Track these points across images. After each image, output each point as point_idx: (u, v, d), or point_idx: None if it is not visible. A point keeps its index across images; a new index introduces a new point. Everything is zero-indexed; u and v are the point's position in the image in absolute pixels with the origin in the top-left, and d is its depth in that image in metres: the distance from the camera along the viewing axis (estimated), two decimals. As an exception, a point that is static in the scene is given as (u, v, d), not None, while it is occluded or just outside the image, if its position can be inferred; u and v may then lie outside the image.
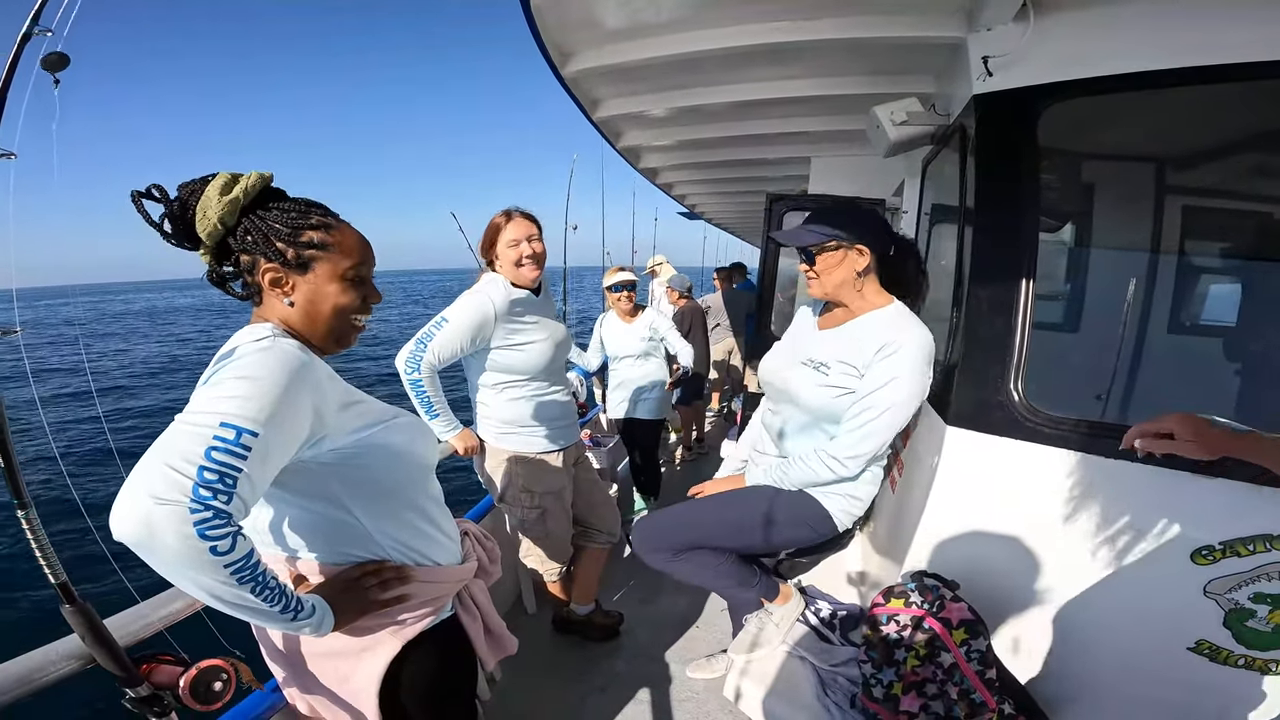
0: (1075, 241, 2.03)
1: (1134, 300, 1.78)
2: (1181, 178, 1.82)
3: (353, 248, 1.00)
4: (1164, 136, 1.76)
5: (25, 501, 0.86)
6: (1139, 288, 1.85)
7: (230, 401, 0.79)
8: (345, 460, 0.96)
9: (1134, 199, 1.93)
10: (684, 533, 1.64)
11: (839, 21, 1.98)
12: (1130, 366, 1.86)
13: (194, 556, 0.72)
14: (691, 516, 1.69)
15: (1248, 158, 1.68)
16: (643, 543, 1.69)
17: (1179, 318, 1.87)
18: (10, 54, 0.91)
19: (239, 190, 0.92)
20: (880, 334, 1.49)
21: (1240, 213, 1.89)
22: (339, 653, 1.03)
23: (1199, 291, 1.90)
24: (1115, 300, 1.75)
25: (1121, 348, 1.75)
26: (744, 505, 1.65)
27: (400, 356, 1.89)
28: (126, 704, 0.95)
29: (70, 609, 0.89)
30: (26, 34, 0.91)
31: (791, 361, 1.64)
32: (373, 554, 1.03)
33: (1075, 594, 1.43)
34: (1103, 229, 2.00)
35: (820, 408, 1.55)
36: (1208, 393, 1.83)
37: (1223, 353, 1.89)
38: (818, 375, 1.55)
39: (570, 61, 2.37)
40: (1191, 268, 1.89)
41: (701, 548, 1.63)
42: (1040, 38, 1.55)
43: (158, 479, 0.72)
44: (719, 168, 4.21)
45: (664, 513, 1.74)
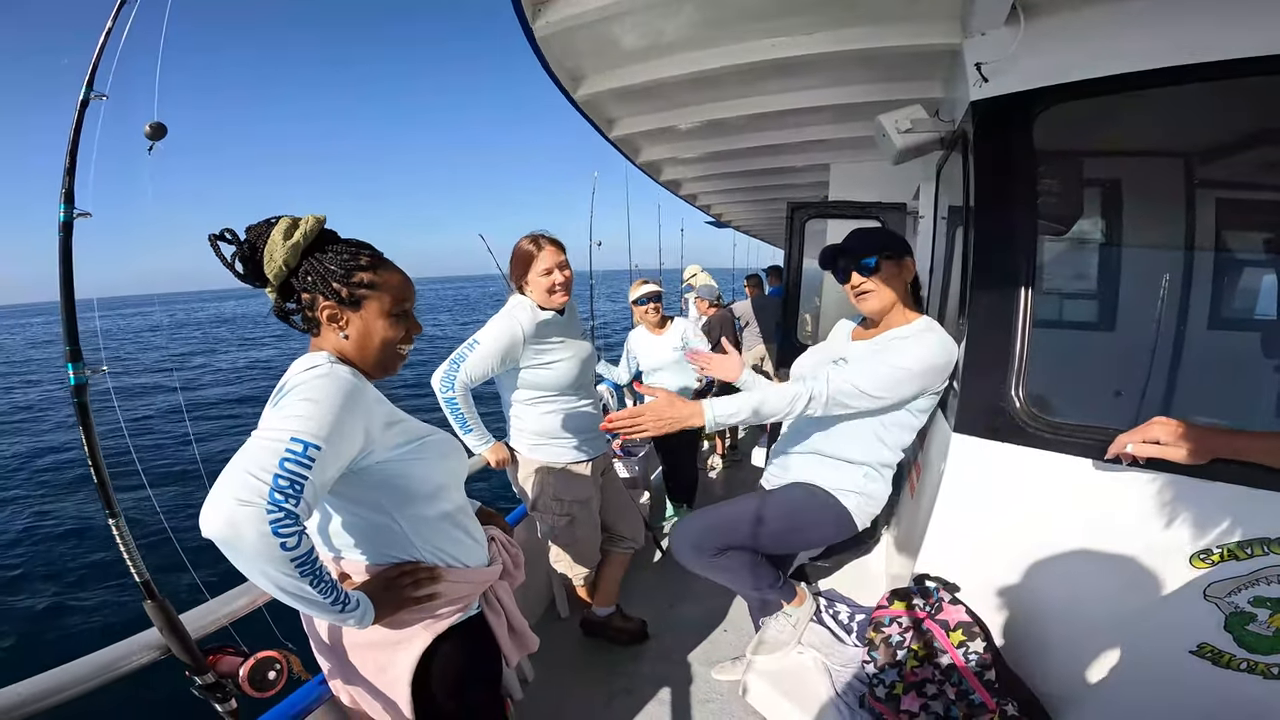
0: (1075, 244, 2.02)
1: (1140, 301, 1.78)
2: (1180, 176, 1.80)
3: (397, 286, 1.14)
4: (1159, 136, 1.75)
5: (115, 511, 1.00)
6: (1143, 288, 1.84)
7: (297, 420, 0.93)
8: (388, 471, 1.10)
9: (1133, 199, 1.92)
10: (722, 535, 1.70)
11: (837, 34, 2.03)
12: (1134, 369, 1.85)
13: (268, 551, 0.86)
14: (728, 518, 1.74)
15: (1242, 153, 1.66)
16: (681, 544, 1.73)
17: (1185, 318, 1.84)
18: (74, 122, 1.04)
19: (299, 235, 1.06)
20: (914, 334, 1.64)
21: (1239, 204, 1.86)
22: (378, 644, 1.16)
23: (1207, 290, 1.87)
24: (1119, 301, 1.76)
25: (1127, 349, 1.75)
26: (772, 506, 1.72)
27: (436, 376, 2.02)
28: (195, 691, 1.09)
29: (151, 604, 1.03)
30: (84, 100, 1.04)
31: (824, 361, 1.76)
32: (409, 555, 1.16)
33: (1077, 597, 1.44)
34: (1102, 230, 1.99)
35: None
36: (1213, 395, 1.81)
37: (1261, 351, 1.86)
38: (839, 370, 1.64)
39: (582, 85, 2.47)
40: (1199, 265, 1.86)
41: (736, 548, 1.70)
42: (1032, 42, 1.57)
43: (239, 485, 0.86)
44: (740, 178, 4.26)
45: (700, 515, 1.79)
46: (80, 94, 1.03)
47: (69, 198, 1.00)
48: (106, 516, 1.00)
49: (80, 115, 1.03)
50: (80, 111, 1.03)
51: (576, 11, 1.87)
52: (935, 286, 2.65)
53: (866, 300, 1.68)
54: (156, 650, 1.09)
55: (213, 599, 1.25)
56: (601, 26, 2.01)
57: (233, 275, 1.09)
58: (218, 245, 1.07)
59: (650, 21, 2.02)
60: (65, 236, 1.01)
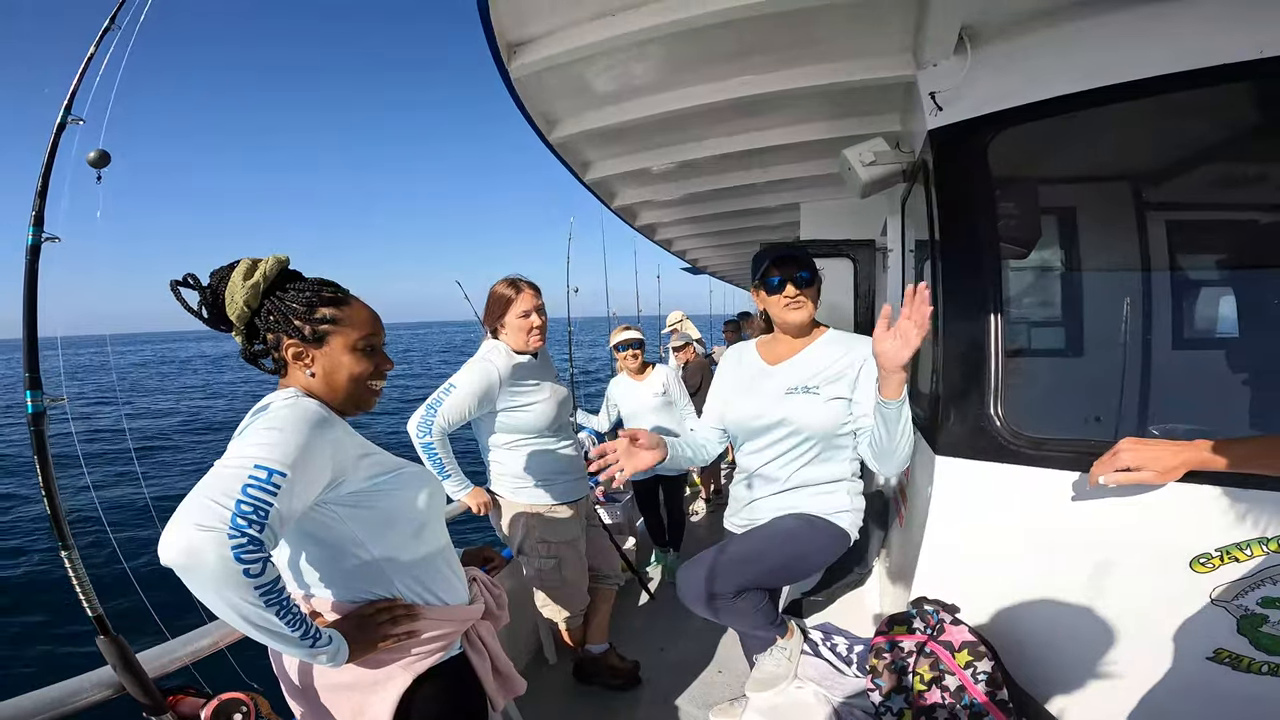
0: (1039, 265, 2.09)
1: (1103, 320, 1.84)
2: (1134, 194, 1.88)
3: (362, 321, 1.12)
4: (1109, 155, 1.84)
5: (69, 544, 0.95)
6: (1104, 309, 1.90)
7: (261, 448, 0.90)
8: (361, 503, 1.06)
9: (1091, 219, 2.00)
10: (734, 577, 1.61)
11: (795, 72, 2.11)
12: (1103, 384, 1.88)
13: (229, 577, 0.82)
14: (738, 559, 1.65)
15: (1192, 168, 1.74)
16: (692, 591, 1.63)
17: (1148, 334, 1.90)
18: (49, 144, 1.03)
19: (259, 275, 1.05)
20: (849, 349, 1.66)
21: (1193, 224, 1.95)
22: (354, 686, 1.09)
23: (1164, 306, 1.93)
24: (1085, 320, 1.81)
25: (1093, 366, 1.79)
26: (776, 539, 1.68)
27: (412, 422, 1.98)
28: None
29: (104, 640, 0.96)
30: (61, 124, 1.03)
31: (776, 394, 1.70)
32: (386, 591, 1.11)
33: (1081, 611, 1.41)
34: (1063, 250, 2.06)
35: (827, 425, 1.64)
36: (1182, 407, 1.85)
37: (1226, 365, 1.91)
38: (813, 397, 1.65)
39: (556, 128, 2.53)
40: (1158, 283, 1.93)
41: (750, 590, 1.62)
42: (980, 69, 1.65)
43: (200, 510, 0.83)
44: (713, 220, 4.35)
45: (705, 559, 1.68)
46: (58, 117, 1.02)
47: (39, 221, 0.98)
48: (59, 548, 0.94)
49: (56, 138, 1.02)
50: (56, 135, 1.02)
51: (550, 54, 1.93)
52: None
53: (798, 312, 1.68)
54: (109, 689, 1.01)
55: (173, 639, 1.16)
56: (574, 69, 2.06)
57: (200, 321, 1.08)
58: (178, 291, 1.06)
59: (620, 64, 2.09)
60: (32, 260, 0.98)
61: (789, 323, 1.71)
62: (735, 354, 1.92)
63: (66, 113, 1.03)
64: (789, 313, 1.69)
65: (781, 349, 1.78)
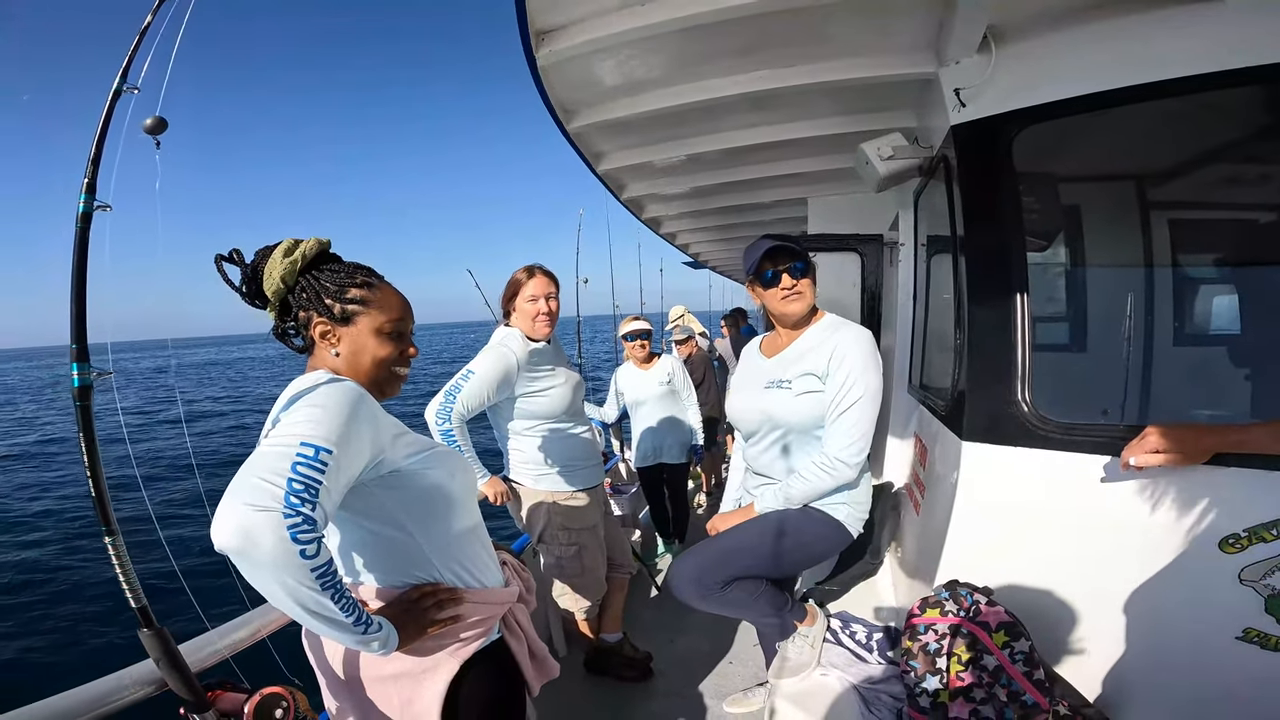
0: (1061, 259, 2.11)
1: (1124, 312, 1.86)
2: (1156, 191, 1.90)
3: (392, 305, 1.11)
4: (1131, 152, 1.86)
5: (113, 529, 0.92)
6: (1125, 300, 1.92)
7: (306, 425, 0.89)
8: (399, 482, 1.05)
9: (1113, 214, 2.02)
10: (722, 568, 1.66)
11: (814, 67, 2.12)
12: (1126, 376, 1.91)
13: (287, 559, 0.80)
14: (725, 551, 1.71)
15: (1213, 167, 1.76)
16: (682, 583, 1.68)
17: (1166, 327, 1.93)
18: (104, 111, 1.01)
19: (298, 253, 1.05)
20: (829, 339, 1.66)
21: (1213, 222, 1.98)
22: (402, 675, 1.08)
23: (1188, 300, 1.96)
24: (1104, 312, 1.83)
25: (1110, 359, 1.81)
26: (768, 533, 1.69)
27: (430, 409, 1.97)
28: None
29: (148, 633, 0.94)
30: (117, 91, 1.01)
31: (757, 391, 1.76)
32: (429, 575, 1.10)
33: (1110, 592, 1.43)
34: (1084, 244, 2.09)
35: (801, 419, 1.66)
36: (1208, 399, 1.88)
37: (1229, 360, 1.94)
38: (785, 392, 1.67)
39: (574, 118, 2.52)
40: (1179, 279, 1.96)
41: (741, 579, 1.66)
42: (1005, 66, 1.67)
43: (251, 491, 0.81)
44: (719, 214, 4.35)
45: (696, 551, 1.75)
46: (114, 84, 1.01)
47: (90, 189, 0.96)
48: (103, 534, 0.92)
49: (111, 105, 1.00)
50: (111, 102, 1.00)
51: (577, 42, 1.92)
52: (919, 312, 2.73)
53: (796, 302, 1.69)
54: (151, 685, 0.99)
55: (211, 630, 1.15)
56: (595, 60, 2.07)
57: (238, 295, 1.08)
58: (222, 266, 1.07)
59: (639, 56, 2.09)
60: (83, 227, 0.96)
61: (787, 314, 1.72)
62: (747, 348, 1.95)
63: (123, 79, 1.01)
64: (787, 304, 1.69)
65: (780, 341, 1.80)
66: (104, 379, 0.96)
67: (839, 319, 1.74)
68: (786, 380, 1.68)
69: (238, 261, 1.07)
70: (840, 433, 1.60)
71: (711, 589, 1.64)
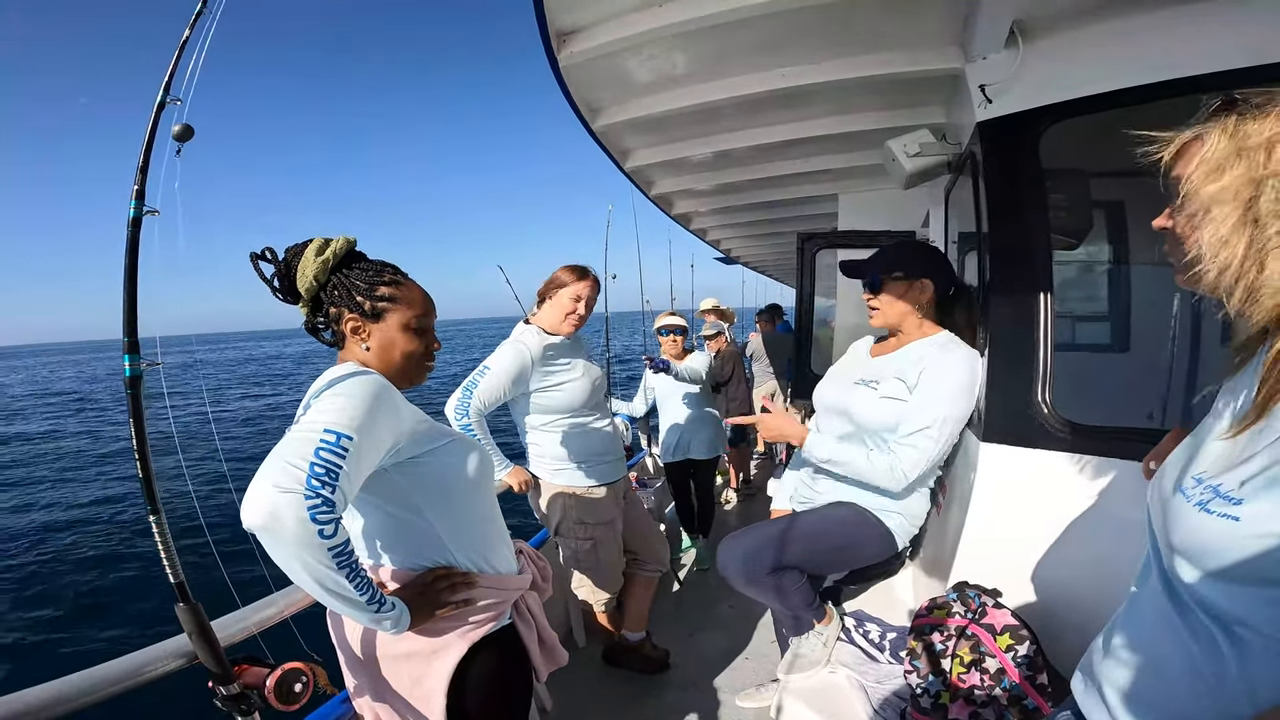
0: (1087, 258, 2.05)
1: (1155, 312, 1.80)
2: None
3: (417, 301, 1.18)
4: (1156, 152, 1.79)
5: (157, 508, 1.01)
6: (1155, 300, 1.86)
7: (330, 413, 0.96)
8: (419, 469, 1.12)
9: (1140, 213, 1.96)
10: (776, 553, 1.65)
11: (840, 63, 2.11)
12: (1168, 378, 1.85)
13: (307, 538, 0.87)
14: (780, 537, 1.69)
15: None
16: (732, 561, 1.67)
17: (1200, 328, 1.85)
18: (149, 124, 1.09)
19: (330, 252, 1.12)
20: (929, 354, 1.63)
21: None
22: (414, 655, 1.14)
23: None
24: (1135, 312, 1.77)
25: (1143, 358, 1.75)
26: (826, 525, 1.72)
27: (449, 404, 2.04)
28: (218, 702, 1.05)
29: (183, 607, 1.01)
30: (161, 103, 1.09)
31: (848, 383, 1.77)
32: (444, 560, 1.16)
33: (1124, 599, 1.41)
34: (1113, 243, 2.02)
35: (878, 422, 1.65)
36: None
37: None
38: (870, 390, 1.68)
39: (599, 116, 2.55)
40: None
41: (788, 569, 1.66)
42: (1032, 63, 1.64)
43: (278, 472, 0.88)
44: (749, 210, 4.34)
45: (749, 533, 1.73)
46: (157, 97, 1.08)
47: (140, 195, 1.05)
48: (148, 512, 1.00)
49: (156, 117, 1.08)
50: (156, 114, 1.08)
51: (597, 44, 1.95)
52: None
53: (873, 317, 1.75)
54: (183, 658, 1.07)
55: (242, 608, 1.23)
56: (619, 58, 2.09)
57: (271, 291, 1.15)
58: (257, 264, 1.14)
59: (663, 54, 2.10)
60: (134, 231, 1.04)
61: (871, 324, 1.78)
62: (857, 344, 1.98)
63: (165, 93, 1.08)
64: (870, 318, 1.77)
65: (890, 343, 1.81)
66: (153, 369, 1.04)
67: (953, 339, 1.71)
68: (876, 381, 1.69)
69: (271, 259, 1.14)
70: (908, 446, 1.58)
71: (759, 572, 1.64)
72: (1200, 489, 0.72)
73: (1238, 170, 0.68)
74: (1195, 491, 0.72)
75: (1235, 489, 0.67)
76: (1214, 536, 0.67)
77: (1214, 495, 0.69)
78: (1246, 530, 0.64)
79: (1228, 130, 0.70)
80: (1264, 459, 0.66)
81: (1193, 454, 0.80)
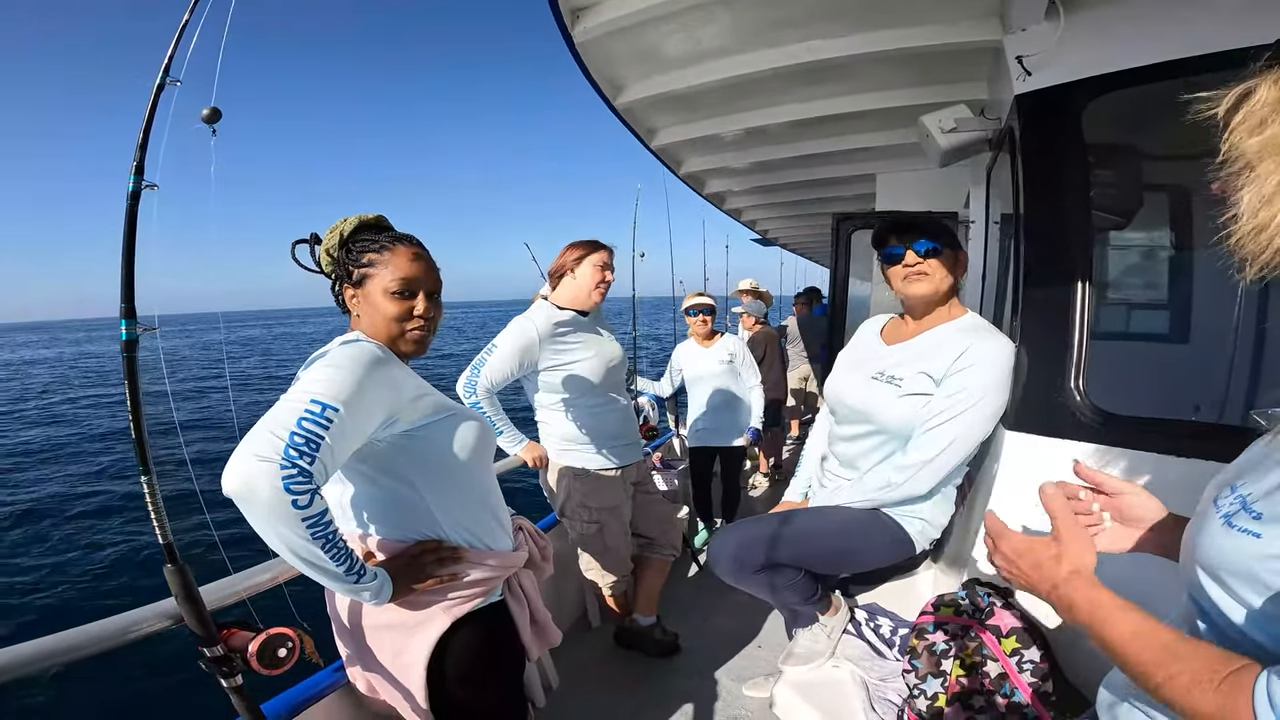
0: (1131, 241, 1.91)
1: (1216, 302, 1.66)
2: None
3: (399, 265, 1.16)
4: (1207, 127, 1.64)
5: (149, 469, 1.04)
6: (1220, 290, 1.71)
7: (318, 383, 0.97)
8: (415, 442, 1.12)
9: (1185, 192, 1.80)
10: (767, 551, 1.57)
11: (871, 36, 2.03)
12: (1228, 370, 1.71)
13: (280, 507, 0.88)
14: (776, 535, 1.61)
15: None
16: (722, 558, 1.61)
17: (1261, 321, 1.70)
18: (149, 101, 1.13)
19: (338, 229, 1.18)
20: (960, 341, 1.47)
21: None
22: (396, 626, 1.15)
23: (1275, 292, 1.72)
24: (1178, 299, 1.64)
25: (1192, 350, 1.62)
26: (829, 525, 1.61)
27: (459, 383, 2.04)
28: (201, 664, 1.07)
29: (171, 568, 1.04)
30: (160, 84, 1.13)
31: (863, 379, 1.61)
32: (434, 534, 1.17)
33: (1151, 605, 1.31)
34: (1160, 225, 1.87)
35: (903, 423, 1.51)
36: None
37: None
38: (892, 389, 1.53)
39: (622, 93, 2.51)
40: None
41: (782, 566, 1.58)
42: (1073, 34, 1.55)
43: (260, 441, 0.90)
44: (784, 190, 4.23)
45: (742, 528, 1.67)
46: (156, 78, 1.12)
47: (139, 170, 1.09)
48: (140, 473, 1.04)
49: (155, 97, 1.12)
50: (156, 94, 1.12)
51: (614, 16, 1.91)
52: (988, 293, 2.56)
53: (919, 284, 1.51)
54: (169, 619, 1.11)
55: (233, 575, 1.27)
56: (638, 32, 2.04)
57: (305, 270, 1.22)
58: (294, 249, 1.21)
59: (686, 27, 2.05)
60: (132, 205, 1.09)
61: (910, 296, 1.55)
62: (865, 327, 1.80)
63: (165, 75, 1.12)
64: (909, 285, 1.52)
65: (906, 329, 1.63)
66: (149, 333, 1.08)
67: (982, 322, 1.55)
68: (898, 377, 1.52)
69: (309, 242, 1.20)
70: (933, 441, 1.43)
71: (747, 569, 1.57)
72: (1231, 499, 0.66)
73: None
74: (1226, 503, 0.66)
75: (1261, 503, 0.61)
76: (1232, 553, 0.62)
77: (1240, 508, 0.63)
78: (1267, 549, 0.58)
79: (1277, 81, 0.61)
80: None
81: (1243, 459, 0.73)
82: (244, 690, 1.06)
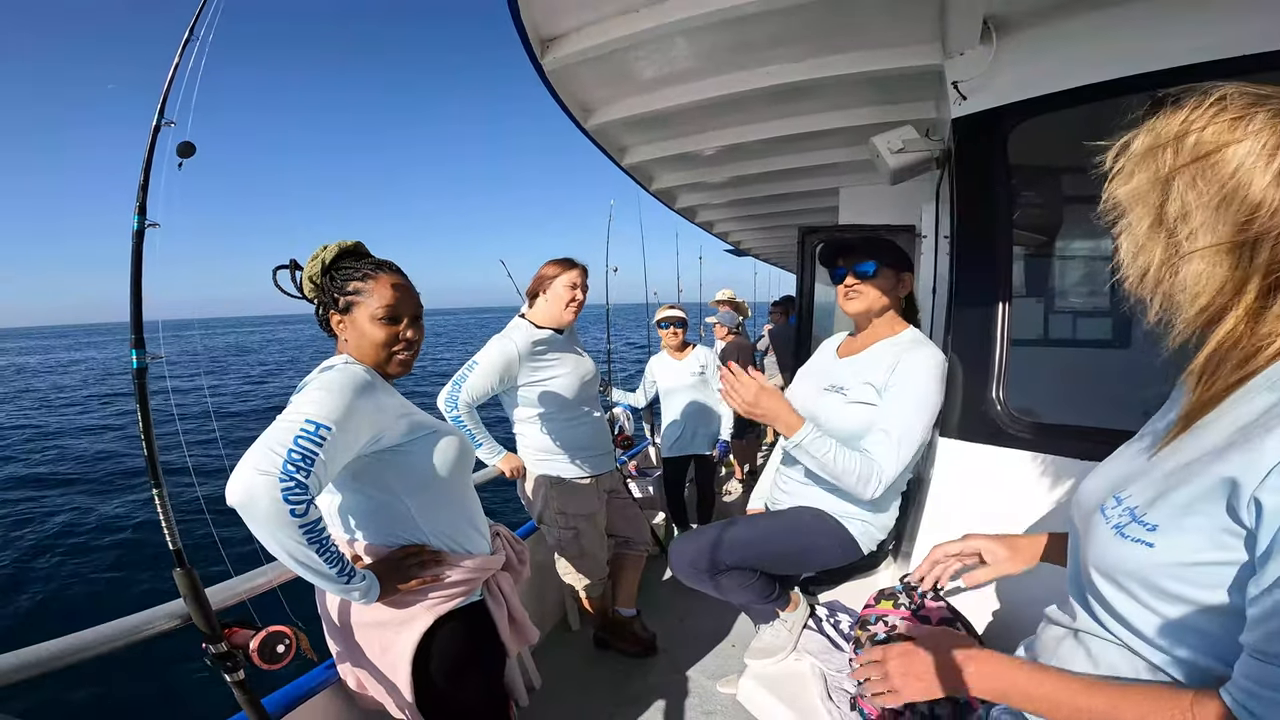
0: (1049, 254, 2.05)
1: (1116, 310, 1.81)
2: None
3: (383, 294, 1.25)
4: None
5: (160, 483, 1.13)
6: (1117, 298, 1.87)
7: (312, 404, 1.07)
8: (399, 455, 1.22)
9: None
10: (721, 555, 1.66)
11: (826, 60, 2.14)
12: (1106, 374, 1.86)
13: (279, 516, 0.98)
14: (725, 541, 1.70)
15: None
16: (680, 561, 1.71)
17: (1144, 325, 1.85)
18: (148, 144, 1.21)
19: (321, 256, 1.25)
20: (894, 355, 1.59)
21: None
22: (383, 624, 1.25)
23: None
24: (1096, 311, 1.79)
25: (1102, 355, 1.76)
26: (775, 531, 1.72)
27: (440, 397, 2.14)
28: (206, 660, 1.16)
29: (180, 572, 1.13)
30: (157, 126, 1.20)
31: (815, 389, 1.73)
32: (415, 538, 1.27)
33: None
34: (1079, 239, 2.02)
35: (848, 430, 1.60)
36: None
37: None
38: (839, 397, 1.64)
39: (592, 115, 2.61)
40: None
41: (735, 569, 1.68)
42: (1004, 59, 1.65)
43: (260, 457, 0.99)
44: (753, 204, 4.36)
45: (698, 534, 1.76)
46: (154, 120, 1.20)
47: (142, 210, 1.16)
48: (151, 487, 1.12)
49: (153, 139, 1.19)
50: (153, 136, 1.19)
51: (582, 47, 2.01)
52: (939, 307, 2.69)
53: (853, 302, 1.65)
54: (178, 619, 1.19)
55: (235, 577, 1.35)
56: (606, 60, 2.14)
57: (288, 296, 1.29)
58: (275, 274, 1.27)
59: (653, 55, 2.16)
60: (137, 243, 1.17)
61: (847, 313, 1.70)
62: (826, 343, 1.91)
63: (160, 116, 1.19)
64: (846, 303, 1.67)
65: (856, 344, 1.74)
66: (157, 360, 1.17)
67: (920, 337, 1.65)
68: (844, 387, 1.63)
69: (290, 268, 1.28)
70: (877, 453, 1.52)
71: (703, 573, 1.68)
72: (1119, 510, 0.72)
73: (1147, 171, 0.67)
74: (1114, 513, 0.72)
75: (1151, 514, 0.67)
76: (1128, 560, 0.69)
77: (1130, 519, 0.69)
78: (1159, 559, 0.65)
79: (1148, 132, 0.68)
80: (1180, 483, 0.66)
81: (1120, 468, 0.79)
82: (246, 684, 1.14)
